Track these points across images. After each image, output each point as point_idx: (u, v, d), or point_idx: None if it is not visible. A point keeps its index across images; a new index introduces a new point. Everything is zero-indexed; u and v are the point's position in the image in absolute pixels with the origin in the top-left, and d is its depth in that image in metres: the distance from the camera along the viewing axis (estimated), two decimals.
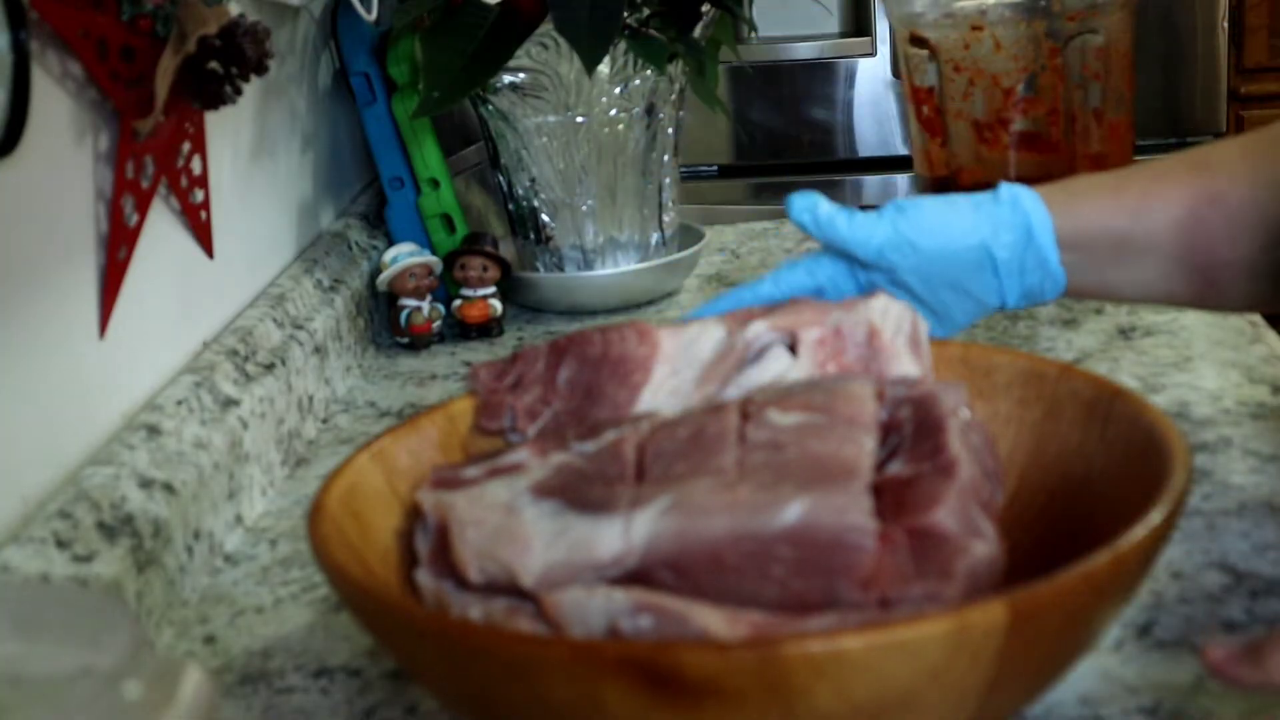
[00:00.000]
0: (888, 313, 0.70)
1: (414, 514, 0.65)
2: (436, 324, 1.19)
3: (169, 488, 0.77)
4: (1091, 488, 0.64)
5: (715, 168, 2.50)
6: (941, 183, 1.16)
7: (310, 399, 1.02)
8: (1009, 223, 0.79)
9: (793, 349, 0.69)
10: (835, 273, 0.81)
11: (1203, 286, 0.80)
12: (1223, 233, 0.77)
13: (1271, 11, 2.58)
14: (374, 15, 1.19)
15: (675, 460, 0.60)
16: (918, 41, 1.14)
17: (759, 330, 0.69)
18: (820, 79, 2.45)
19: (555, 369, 0.71)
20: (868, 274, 0.80)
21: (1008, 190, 0.80)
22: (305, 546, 0.72)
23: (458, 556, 0.59)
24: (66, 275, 0.76)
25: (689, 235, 1.33)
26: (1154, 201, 0.79)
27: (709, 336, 0.71)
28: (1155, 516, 0.54)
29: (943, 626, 0.48)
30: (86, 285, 0.78)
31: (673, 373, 0.70)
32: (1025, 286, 0.80)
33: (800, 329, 0.69)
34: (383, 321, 1.22)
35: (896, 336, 0.69)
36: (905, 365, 0.68)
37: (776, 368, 0.68)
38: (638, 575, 0.55)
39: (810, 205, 0.79)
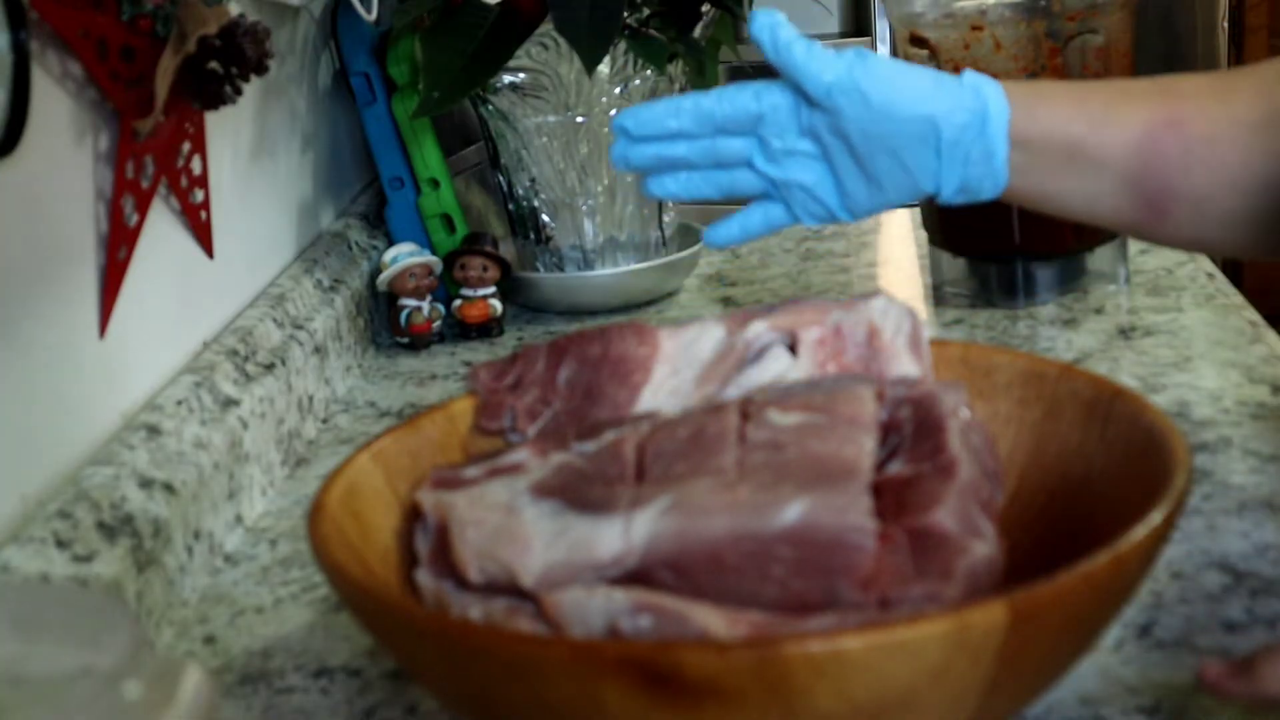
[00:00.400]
0: (887, 313, 0.70)
1: (414, 514, 0.65)
2: (436, 324, 1.19)
3: (169, 488, 0.77)
4: (1091, 488, 0.64)
5: None
6: None
7: (310, 399, 1.02)
8: (965, 105, 0.77)
9: (793, 349, 0.69)
10: (780, 103, 0.80)
11: (1149, 214, 0.78)
12: (1178, 161, 0.76)
13: (1271, 11, 2.58)
14: (374, 15, 1.19)
15: (675, 460, 0.60)
16: (918, 41, 1.14)
17: (759, 330, 0.69)
18: None
19: (555, 369, 0.71)
20: (811, 115, 0.79)
21: (972, 75, 0.79)
22: (305, 546, 0.72)
23: (458, 556, 0.59)
24: (66, 275, 0.76)
25: (689, 235, 1.33)
26: (1115, 114, 0.78)
27: (709, 336, 0.71)
28: (1155, 516, 0.54)
29: (943, 626, 0.48)
30: (86, 285, 0.78)
31: (673, 372, 0.70)
32: (965, 177, 0.78)
33: (800, 329, 0.69)
34: (383, 321, 1.22)
35: (896, 336, 0.69)
36: (905, 365, 0.68)
37: (776, 368, 0.68)
38: (638, 575, 0.55)
39: (771, 24, 0.78)
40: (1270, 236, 0.77)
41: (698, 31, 1.20)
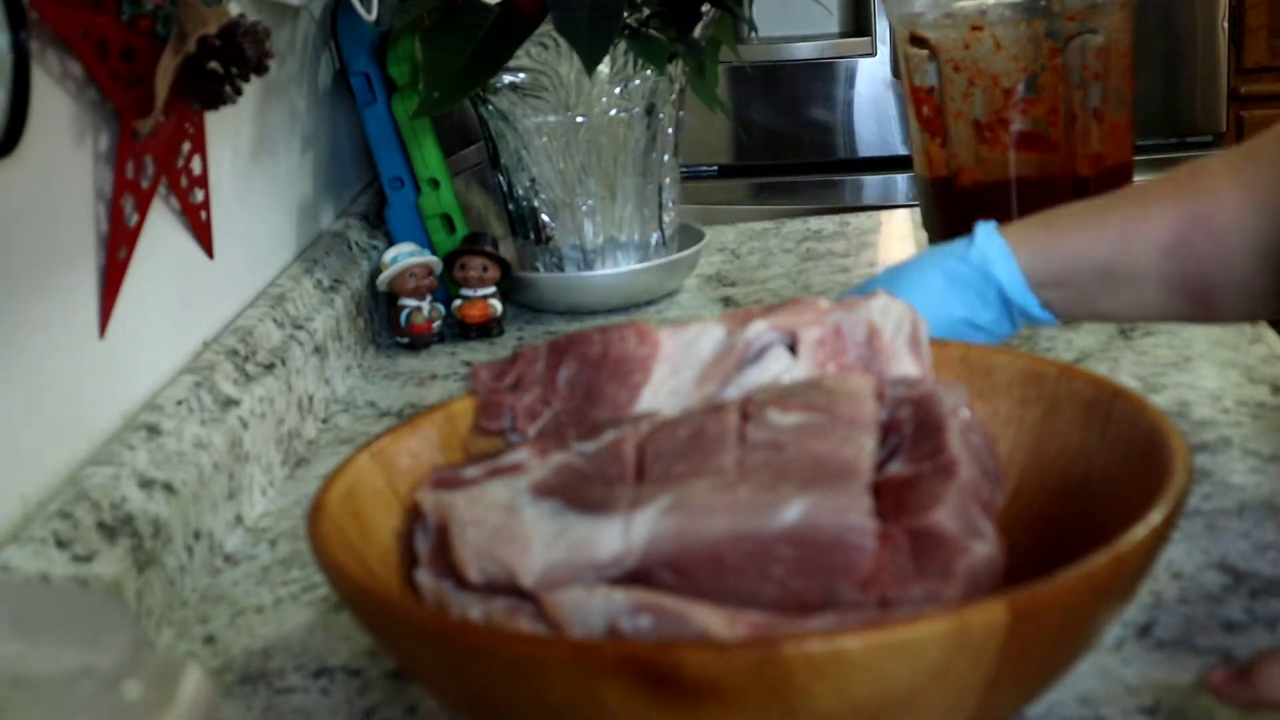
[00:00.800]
0: (888, 312, 0.70)
1: (414, 514, 0.65)
2: (436, 324, 1.19)
3: (169, 488, 0.77)
4: (1091, 488, 0.64)
5: (715, 168, 2.50)
6: (941, 183, 1.16)
7: (310, 399, 1.02)
8: (982, 294, 0.80)
9: (793, 349, 0.69)
10: None
11: (1197, 307, 0.80)
12: (1212, 255, 0.77)
13: (1271, 11, 2.58)
14: (374, 15, 1.19)
15: (675, 460, 0.60)
16: (918, 41, 1.14)
17: (759, 330, 0.69)
18: (820, 79, 2.45)
19: (555, 369, 0.71)
20: None
21: (977, 253, 0.80)
22: (305, 546, 0.72)
23: (458, 556, 0.59)
24: (66, 275, 0.76)
25: (689, 235, 1.33)
26: (1137, 229, 0.79)
27: (709, 337, 0.71)
28: (1155, 516, 0.54)
29: (943, 626, 0.48)
30: (86, 285, 0.78)
31: (673, 372, 0.70)
32: (1019, 328, 0.82)
33: (800, 329, 0.69)
34: (383, 321, 1.22)
35: (896, 336, 0.69)
36: (905, 365, 0.68)
37: (776, 367, 0.68)
38: (638, 575, 0.55)
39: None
40: None
41: (698, 31, 1.20)
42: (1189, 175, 0.80)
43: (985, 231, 0.81)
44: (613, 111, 1.21)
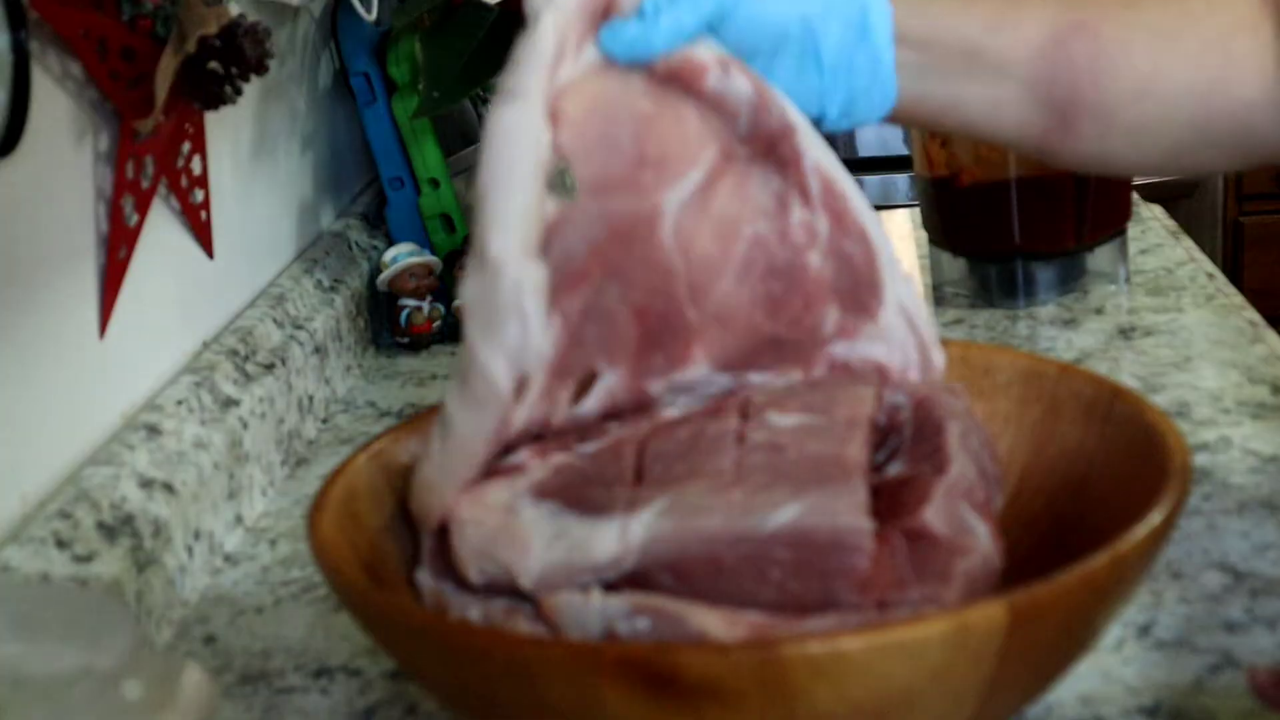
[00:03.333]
0: (893, 338, 0.69)
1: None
2: (436, 324, 1.19)
3: (169, 488, 0.77)
4: (1091, 488, 0.64)
5: None
6: (941, 183, 1.16)
7: (310, 399, 1.02)
8: (841, 4, 0.70)
9: None
10: None
11: (1053, 126, 0.72)
12: (1086, 66, 0.71)
13: None
14: (374, 15, 1.19)
15: (674, 461, 0.60)
16: None
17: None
18: None
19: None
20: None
21: None
22: (305, 546, 0.72)
23: (457, 557, 0.59)
24: (66, 275, 0.76)
25: None
26: (1013, 16, 0.72)
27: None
28: (1155, 517, 0.54)
29: (943, 627, 0.48)
30: (86, 285, 0.78)
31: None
32: (851, 90, 0.71)
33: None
34: (383, 321, 1.22)
35: (907, 369, 0.69)
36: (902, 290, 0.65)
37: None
38: (636, 577, 0.55)
39: (615, 36, 0.65)
40: (1175, 151, 0.73)
41: None
42: None
43: None
44: None
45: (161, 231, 0.88)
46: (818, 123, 0.70)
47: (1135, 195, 1.27)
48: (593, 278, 0.61)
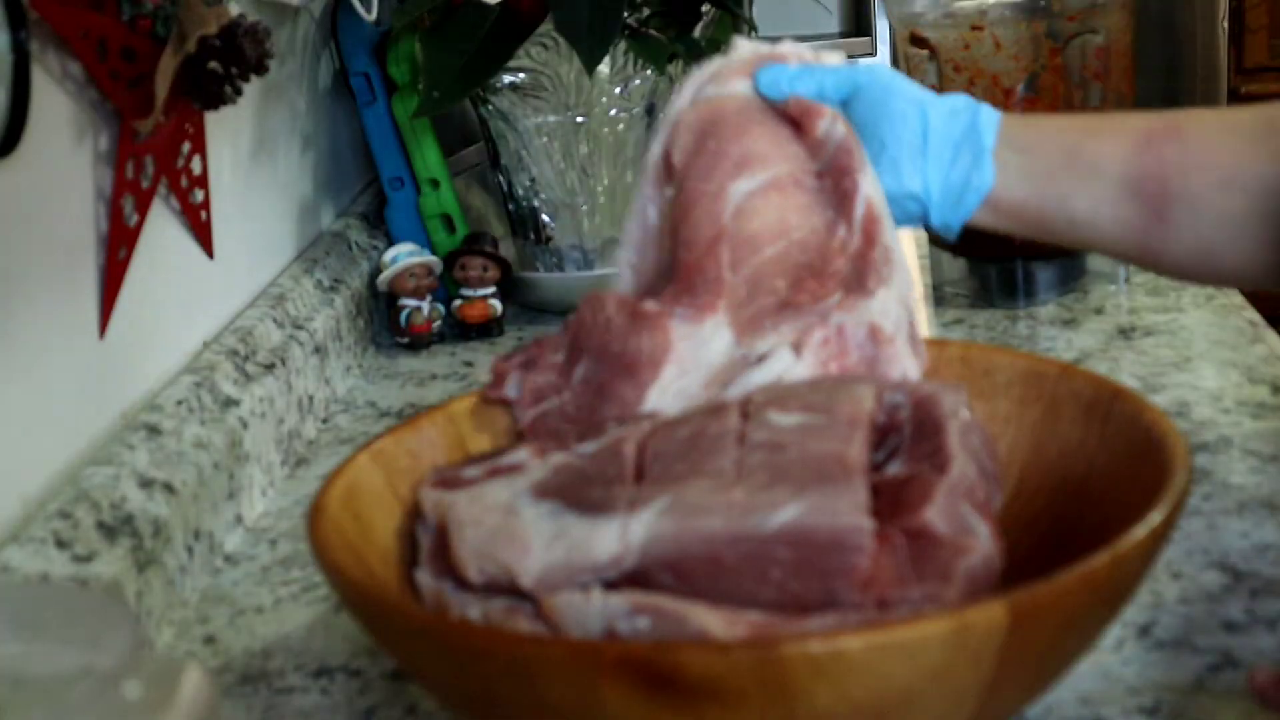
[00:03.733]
0: (887, 311, 0.70)
1: (414, 514, 0.65)
2: (436, 324, 1.19)
3: (169, 488, 0.77)
4: (1091, 488, 0.64)
5: None
6: None
7: (310, 399, 1.02)
8: (955, 101, 0.78)
9: (796, 349, 0.69)
10: None
11: (1150, 221, 0.77)
12: (1175, 163, 0.76)
13: (1271, 11, 2.58)
14: (374, 15, 1.19)
15: (675, 461, 0.60)
16: (918, 41, 1.14)
17: (769, 345, 0.69)
18: None
19: (573, 364, 0.71)
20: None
21: (969, 97, 0.79)
22: (305, 546, 0.72)
23: (457, 556, 0.59)
24: (66, 275, 0.76)
25: None
26: (1111, 123, 0.79)
27: (720, 339, 0.70)
28: (1155, 516, 0.54)
29: (943, 627, 0.48)
30: (86, 285, 0.78)
31: (680, 374, 0.70)
32: (952, 174, 0.77)
33: (804, 333, 0.69)
34: (383, 321, 1.22)
35: (896, 335, 0.69)
36: (906, 364, 0.68)
37: (778, 368, 0.68)
38: (636, 576, 0.55)
39: (774, 78, 0.78)
40: (1271, 244, 0.77)
41: (698, 31, 1.20)
42: (1168, 109, 0.80)
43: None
44: (613, 111, 1.21)
45: (161, 231, 0.88)
46: (920, 206, 0.78)
47: None
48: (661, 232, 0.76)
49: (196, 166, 0.91)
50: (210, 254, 0.95)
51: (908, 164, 0.77)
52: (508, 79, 1.19)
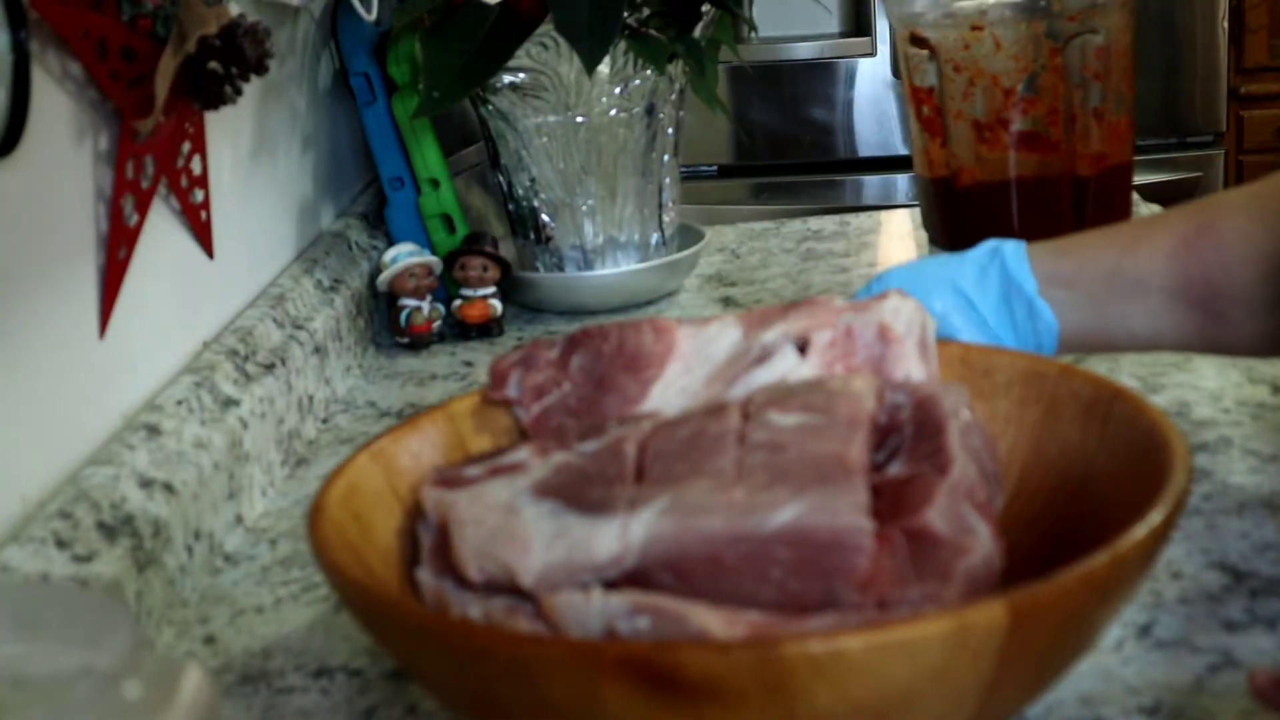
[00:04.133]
0: (899, 313, 0.70)
1: (414, 514, 0.65)
2: (436, 324, 1.19)
3: (169, 488, 0.77)
4: (1091, 488, 0.64)
5: (715, 168, 2.50)
6: (941, 183, 1.16)
7: (310, 399, 1.02)
8: (979, 260, 0.80)
9: (803, 349, 0.69)
10: None
11: (1207, 321, 0.79)
12: (1216, 261, 0.77)
13: (1271, 11, 2.59)
14: (374, 15, 1.19)
15: (675, 461, 0.60)
16: (918, 41, 1.14)
17: (775, 335, 0.69)
18: (820, 79, 2.45)
19: (569, 355, 0.72)
20: None
21: (988, 243, 0.82)
22: (305, 546, 0.72)
23: (457, 556, 0.59)
24: (66, 275, 0.76)
25: (689, 235, 1.33)
26: (1145, 235, 0.80)
27: (726, 338, 0.71)
28: (1155, 516, 0.54)
29: (943, 626, 0.48)
30: (86, 285, 0.78)
31: (685, 370, 0.70)
32: (1020, 329, 0.81)
33: (813, 330, 0.69)
34: (383, 321, 1.22)
35: (906, 338, 0.69)
36: (912, 367, 0.68)
37: (783, 367, 0.68)
38: (636, 576, 0.55)
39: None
40: None
41: (698, 31, 1.20)
42: (1202, 200, 0.81)
43: (998, 241, 0.82)
44: (613, 111, 1.21)
45: (161, 231, 0.88)
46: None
47: (1135, 195, 1.27)
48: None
49: (196, 166, 0.91)
50: (210, 254, 0.95)
51: (981, 336, 0.80)
52: (508, 79, 1.19)
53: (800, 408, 0.62)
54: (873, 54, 2.41)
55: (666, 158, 1.27)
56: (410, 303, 1.18)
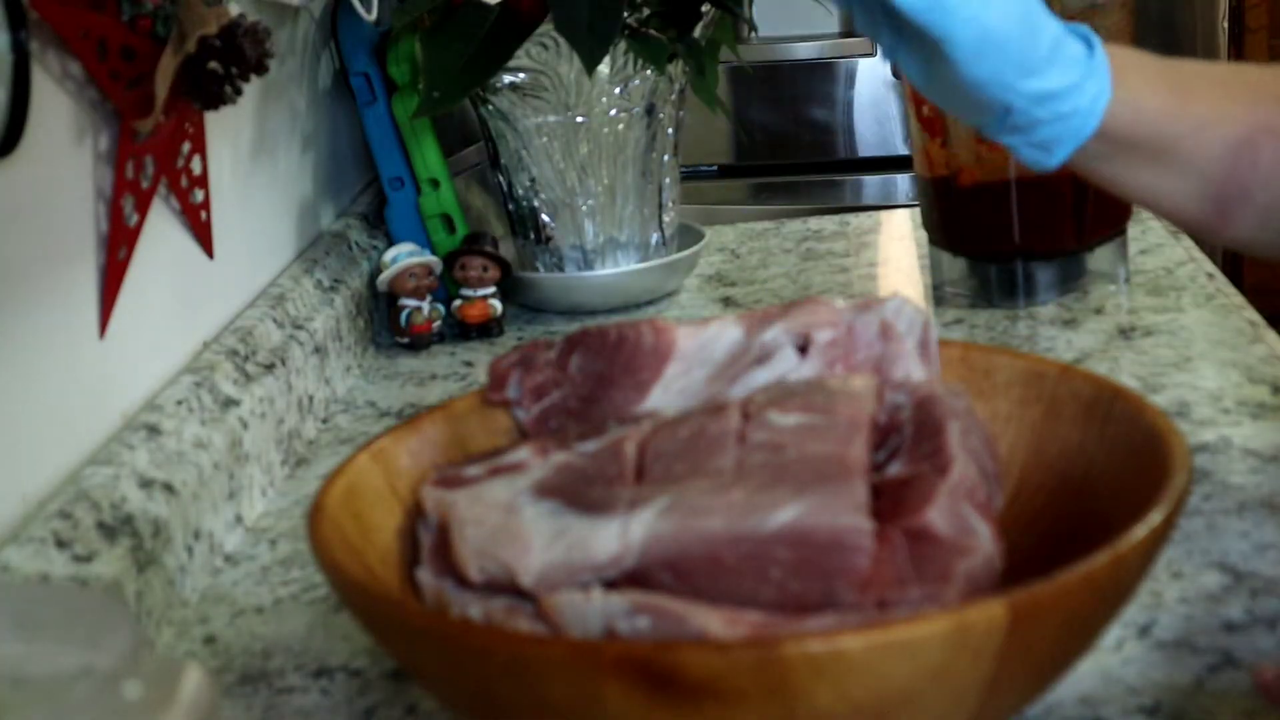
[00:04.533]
0: (900, 314, 0.69)
1: (414, 514, 0.65)
2: (436, 324, 1.19)
3: (169, 488, 0.77)
4: (1091, 488, 0.64)
5: (715, 168, 2.50)
6: (941, 183, 1.16)
7: (310, 399, 1.02)
8: (1078, 58, 0.71)
9: (804, 349, 0.69)
10: None
11: (1215, 215, 0.75)
12: (1267, 170, 0.73)
13: (1271, 11, 2.58)
14: (374, 15, 1.19)
15: (675, 461, 0.61)
16: None
17: (776, 335, 0.69)
18: (820, 79, 2.45)
19: (568, 356, 0.72)
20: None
21: (1100, 47, 0.73)
22: (305, 546, 0.72)
23: (457, 555, 0.59)
24: (66, 275, 0.76)
25: (689, 235, 1.33)
26: (1218, 117, 0.73)
27: (726, 338, 0.71)
28: (1155, 516, 0.54)
29: (943, 626, 0.48)
30: (86, 285, 0.78)
31: (685, 371, 0.70)
32: (1024, 148, 0.76)
33: (814, 330, 0.69)
34: (383, 321, 1.22)
35: (907, 339, 0.69)
36: (912, 367, 0.68)
37: (783, 367, 0.68)
38: (636, 576, 0.55)
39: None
40: None
41: (698, 31, 1.20)
42: (1275, 79, 0.75)
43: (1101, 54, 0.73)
44: (613, 111, 1.21)
45: (161, 231, 0.88)
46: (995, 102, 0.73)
47: None
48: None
49: (196, 166, 0.91)
50: (210, 254, 0.95)
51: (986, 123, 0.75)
52: (508, 79, 1.19)
53: (800, 408, 0.62)
54: (873, 54, 2.41)
55: (666, 158, 1.27)
56: (410, 303, 1.18)
